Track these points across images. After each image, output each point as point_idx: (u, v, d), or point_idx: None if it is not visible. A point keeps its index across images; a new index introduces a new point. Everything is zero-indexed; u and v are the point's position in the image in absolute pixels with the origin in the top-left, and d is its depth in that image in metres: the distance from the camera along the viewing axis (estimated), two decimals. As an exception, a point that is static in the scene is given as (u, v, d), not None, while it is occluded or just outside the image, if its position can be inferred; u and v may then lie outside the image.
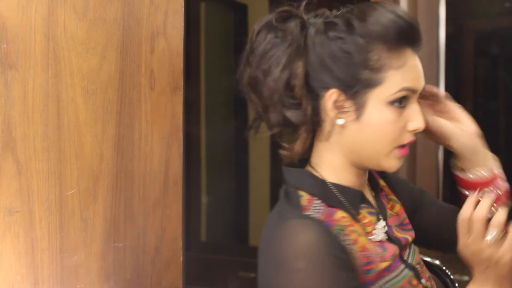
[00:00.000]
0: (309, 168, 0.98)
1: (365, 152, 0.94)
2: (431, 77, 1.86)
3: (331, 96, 0.91)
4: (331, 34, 0.91)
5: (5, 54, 0.77)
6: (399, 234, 1.00)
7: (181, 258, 1.03)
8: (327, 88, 0.91)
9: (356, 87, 0.90)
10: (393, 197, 1.08)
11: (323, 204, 0.93)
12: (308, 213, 0.92)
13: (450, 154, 1.09)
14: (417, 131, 0.94)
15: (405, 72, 0.90)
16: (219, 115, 3.30)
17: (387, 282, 0.93)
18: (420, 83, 0.93)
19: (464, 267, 0.96)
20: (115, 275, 0.92)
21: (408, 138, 0.94)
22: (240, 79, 0.96)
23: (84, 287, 0.88)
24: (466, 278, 2.09)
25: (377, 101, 0.91)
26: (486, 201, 0.92)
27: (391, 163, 0.95)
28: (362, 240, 0.93)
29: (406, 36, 0.90)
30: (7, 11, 0.77)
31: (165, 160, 1.00)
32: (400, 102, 0.91)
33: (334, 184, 0.95)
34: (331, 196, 0.94)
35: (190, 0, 2.94)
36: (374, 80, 0.90)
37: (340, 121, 0.92)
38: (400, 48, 0.90)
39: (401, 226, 1.04)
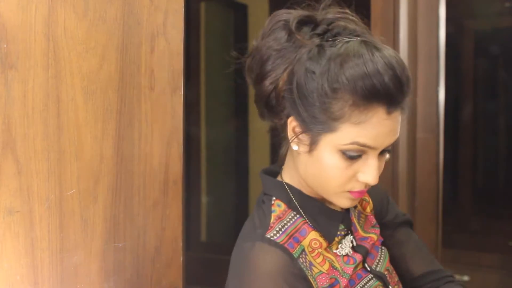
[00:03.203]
0: (285, 179, 0.98)
1: (316, 185, 0.93)
2: (431, 77, 1.86)
3: (291, 122, 0.90)
4: (309, 65, 0.86)
5: (5, 54, 0.77)
6: (365, 234, 1.00)
7: (181, 258, 1.03)
8: (290, 113, 0.90)
9: (311, 125, 0.87)
10: (366, 197, 1.07)
11: (297, 217, 0.95)
12: (272, 233, 0.91)
13: (450, 154, 1.09)
14: (367, 185, 0.90)
15: (364, 128, 0.85)
16: (219, 115, 3.30)
17: None
18: (380, 141, 0.87)
19: (464, 267, 0.95)
20: (115, 275, 0.92)
21: (359, 187, 0.90)
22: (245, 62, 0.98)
23: (84, 287, 0.88)
24: (466, 278, 2.09)
25: (329, 145, 0.87)
26: None
27: (342, 202, 0.93)
28: (328, 259, 0.93)
29: (376, 95, 0.83)
30: (7, 11, 0.77)
31: (165, 160, 0.99)
32: (353, 153, 0.87)
33: (311, 198, 0.96)
34: (310, 212, 0.96)
35: (190, 0, 2.94)
36: (329, 126, 0.86)
37: (295, 147, 0.91)
38: (367, 104, 0.84)
39: (371, 228, 1.03)
